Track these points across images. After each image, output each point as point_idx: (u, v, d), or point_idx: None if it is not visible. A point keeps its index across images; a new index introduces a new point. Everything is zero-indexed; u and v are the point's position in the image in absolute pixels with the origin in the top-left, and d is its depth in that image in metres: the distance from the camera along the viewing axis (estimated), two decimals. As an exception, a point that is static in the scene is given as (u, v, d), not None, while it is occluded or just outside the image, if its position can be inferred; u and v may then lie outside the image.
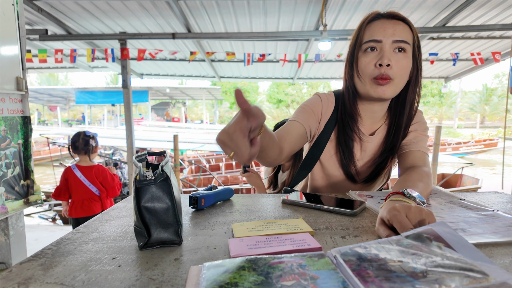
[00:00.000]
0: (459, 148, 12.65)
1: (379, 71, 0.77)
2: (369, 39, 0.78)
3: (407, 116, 0.87)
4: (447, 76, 6.77)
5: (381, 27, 0.78)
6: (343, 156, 0.91)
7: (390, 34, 0.76)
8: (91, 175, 2.35)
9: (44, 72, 7.22)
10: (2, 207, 1.28)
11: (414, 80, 0.83)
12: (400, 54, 0.77)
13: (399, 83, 0.79)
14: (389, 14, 0.79)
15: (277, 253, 0.46)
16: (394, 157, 0.94)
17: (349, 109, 0.88)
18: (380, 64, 0.76)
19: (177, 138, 4.44)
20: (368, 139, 0.90)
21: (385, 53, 0.76)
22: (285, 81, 7.53)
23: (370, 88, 0.80)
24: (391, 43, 0.76)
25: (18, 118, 1.36)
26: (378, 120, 0.91)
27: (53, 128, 15.07)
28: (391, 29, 0.77)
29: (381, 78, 0.77)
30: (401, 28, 0.77)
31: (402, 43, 0.76)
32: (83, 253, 0.48)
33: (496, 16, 3.64)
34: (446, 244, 0.41)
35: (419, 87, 0.85)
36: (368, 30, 0.79)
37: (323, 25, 3.49)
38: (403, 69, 0.78)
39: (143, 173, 0.49)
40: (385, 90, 0.78)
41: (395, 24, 0.77)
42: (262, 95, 30.88)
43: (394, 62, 0.76)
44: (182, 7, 3.45)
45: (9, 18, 1.30)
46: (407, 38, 0.77)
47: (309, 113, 0.89)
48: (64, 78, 32.16)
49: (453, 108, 29.03)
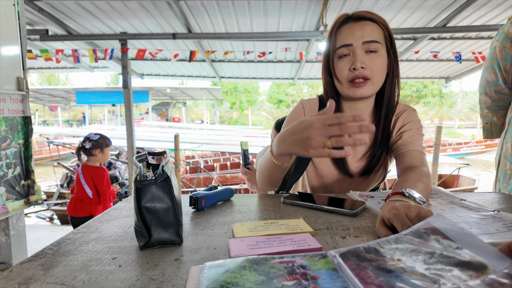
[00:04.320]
0: (459, 148, 12.62)
1: (354, 74, 0.79)
2: (340, 45, 0.81)
3: (386, 107, 0.89)
4: (448, 77, 6.76)
5: (350, 31, 0.80)
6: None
7: (359, 36, 0.79)
8: (89, 174, 2.36)
9: (44, 72, 7.23)
10: (3, 207, 1.28)
11: (392, 73, 0.85)
12: (373, 54, 0.79)
13: (377, 81, 0.82)
14: (357, 16, 0.81)
15: (277, 253, 0.46)
16: (390, 156, 0.94)
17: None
18: (354, 68, 0.79)
19: (178, 138, 4.44)
20: None
21: (357, 56, 0.78)
22: (286, 81, 7.53)
23: (349, 91, 0.83)
24: (361, 44, 0.79)
25: (19, 118, 1.36)
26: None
27: (54, 128, 15.09)
28: (359, 31, 0.79)
29: (357, 80, 0.80)
30: (369, 28, 0.79)
31: (372, 43, 0.79)
32: (84, 253, 0.48)
33: (497, 16, 3.63)
34: (444, 236, 0.41)
35: (398, 78, 0.87)
36: (339, 36, 0.82)
37: (324, 25, 3.49)
38: (378, 67, 0.80)
39: (144, 173, 0.50)
40: (363, 92, 0.81)
41: (363, 25, 0.80)
42: (263, 95, 30.88)
43: (367, 62, 0.79)
44: (183, 7, 3.45)
45: (10, 18, 1.30)
46: (377, 37, 0.79)
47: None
48: (65, 78, 32.18)
49: (453, 109, 29.00)
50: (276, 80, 7.29)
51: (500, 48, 1.14)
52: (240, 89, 27.01)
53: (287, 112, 21.04)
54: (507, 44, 1.11)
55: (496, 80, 1.20)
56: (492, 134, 1.34)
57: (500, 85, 1.19)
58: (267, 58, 5.50)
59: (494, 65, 1.19)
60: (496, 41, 1.16)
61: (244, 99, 27.81)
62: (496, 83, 1.20)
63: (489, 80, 1.22)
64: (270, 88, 28.22)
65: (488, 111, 1.30)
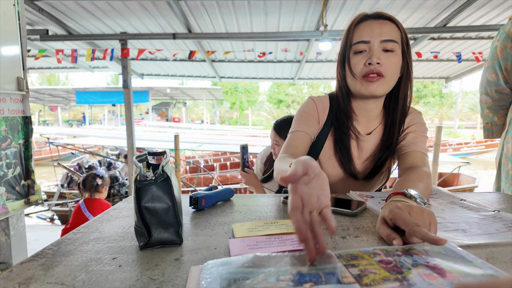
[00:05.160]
0: (460, 148, 12.62)
1: (369, 68, 0.79)
2: (358, 41, 0.81)
3: (401, 111, 0.88)
4: (448, 77, 6.76)
5: (368, 28, 0.80)
6: (341, 155, 0.92)
7: (377, 34, 0.79)
8: (97, 207, 2.40)
9: (45, 72, 7.23)
10: (3, 207, 1.28)
11: (406, 76, 0.85)
12: (389, 53, 0.79)
13: (391, 80, 0.81)
14: (376, 14, 0.81)
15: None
16: (393, 157, 0.94)
17: (344, 108, 0.90)
18: (370, 63, 0.79)
19: (178, 138, 4.43)
20: (365, 138, 0.91)
21: (374, 52, 0.78)
22: (286, 81, 7.54)
23: (362, 86, 0.82)
24: (379, 43, 0.79)
25: (19, 118, 1.36)
26: (373, 119, 0.92)
27: (54, 128, 15.09)
28: (378, 29, 0.79)
29: (371, 75, 0.79)
30: (388, 27, 0.79)
31: (389, 42, 0.79)
32: (84, 253, 0.48)
33: (497, 16, 3.63)
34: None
35: (410, 82, 0.87)
36: (357, 32, 0.82)
37: (324, 25, 3.49)
38: (393, 66, 0.80)
39: (144, 173, 0.50)
40: (376, 88, 0.80)
41: (382, 24, 0.80)
42: (263, 95, 30.87)
43: (383, 60, 0.79)
44: (183, 7, 3.45)
45: (10, 18, 1.30)
46: (395, 37, 0.79)
47: (308, 119, 0.92)
48: (65, 78, 32.17)
49: (453, 109, 28.97)
50: (276, 80, 7.29)
51: (501, 48, 1.14)
52: (240, 89, 27.01)
53: (287, 112, 21.11)
54: (508, 43, 1.11)
55: (497, 80, 1.20)
56: (492, 134, 1.34)
57: (501, 85, 1.19)
58: (267, 58, 5.50)
59: (495, 65, 1.18)
60: (497, 40, 1.16)
61: (244, 99, 27.81)
62: (497, 83, 1.20)
63: (490, 80, 1.22)
64: (270, 88, 28.22)
65: (489, 111, 1.30)
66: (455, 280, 0.35)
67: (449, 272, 0.37)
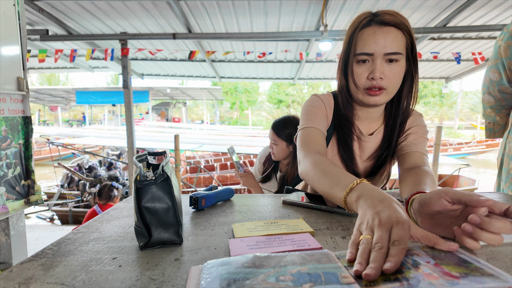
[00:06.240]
0: (460, 148, 12.63)
1: (371, 83, 0.77)
2: (361, 52, 0.77)
3: (402, 112, 0.88)
4: (448, 77, 6.76)
5: (372, 38, 0.76)
6: (344, 154, 0.93)
7: (381, 46, 0.75)
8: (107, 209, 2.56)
9: (45, 72, 7.24)
10: (3, 207, 1.28)
11: (410, 79, 0.83)
12: (393, 63, 0.77)
13: (393, 90, 0.80)
14: (382, 20, 0.76)
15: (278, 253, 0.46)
16: (393, 158, 0.95)
17: (344, 112, 0.89)
18: (373, 78, 0.77)
19: (178, 139, 4.44)
20: (367, 139, 0.92)
21: (377, 66, 0.76)
22: (286, 81, 7.54)
23: (363, 98, 0.81)
24: (383, 55, 0.76)
25: (19, 118, 1.36)
26: (375, 120, 0.92)
27: (54, 128, 15.09)
28: (382, 39, 0.75)
29: (373, 89, 0.78)
30: (393, 36, 0.75)
31: (393, 55, 0.76)
32: (84, 253, 0.48)
33: (497, 16, 3.63)
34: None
35: (415, 84, 0.85)
36: (360, 40, 0.78)
37: (324, 25, 3.49)
38: (396, 77, 0.78)
39: (144, 173, 0.49)
40: (377, 100, 0.79)
41: (387, 33, 0.75)
42: (263, 95, 30.88)
43: (386, 73, 0.76)
44: (183, 7, 3.45)
45: (10, 18, 1.30)
46: (399, 47, 0.76)
47: (318, 114, 0.91)
48: (65, 78, 32.18)
49: (453, 109, 28.98)
50: (276, 80, 7.30)
51: (505, 47, 1.14)
52: (240, 89, 27.02)
53: (287, 112, 21.12)
54: (511, 43, 1.11)
55: (500, 80, 1.19)
56: (494, 133, 1.34)
57: (504, 84, 1.19)
58: (267, 58, 5.50)
59: (498, 64, 1.18)
60: (501, 40, 1.16)
61: (244, 99, 27.82)
62: (500, 83, 1.20)
63: (493, 79, 1.22)
64: (270, 88, 28.23)
65: (491, 110, 1.30)
66: (455, 280, 0.35)
67: (449, 272, 0.37)
